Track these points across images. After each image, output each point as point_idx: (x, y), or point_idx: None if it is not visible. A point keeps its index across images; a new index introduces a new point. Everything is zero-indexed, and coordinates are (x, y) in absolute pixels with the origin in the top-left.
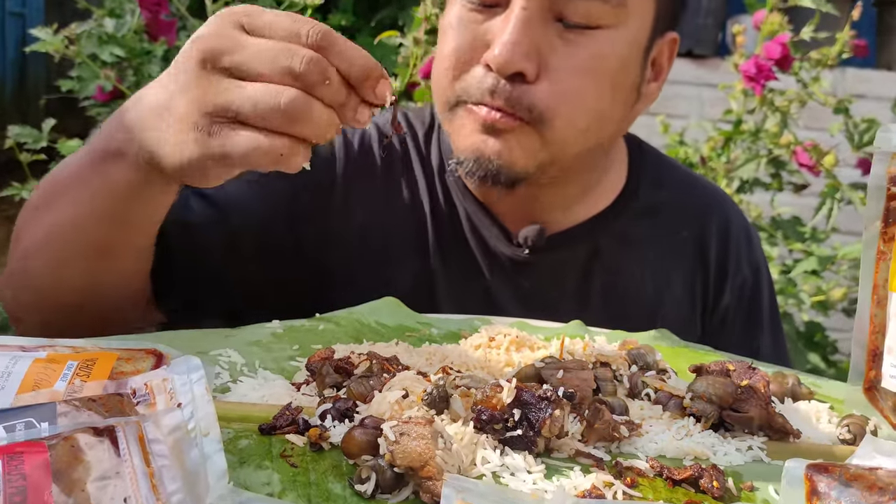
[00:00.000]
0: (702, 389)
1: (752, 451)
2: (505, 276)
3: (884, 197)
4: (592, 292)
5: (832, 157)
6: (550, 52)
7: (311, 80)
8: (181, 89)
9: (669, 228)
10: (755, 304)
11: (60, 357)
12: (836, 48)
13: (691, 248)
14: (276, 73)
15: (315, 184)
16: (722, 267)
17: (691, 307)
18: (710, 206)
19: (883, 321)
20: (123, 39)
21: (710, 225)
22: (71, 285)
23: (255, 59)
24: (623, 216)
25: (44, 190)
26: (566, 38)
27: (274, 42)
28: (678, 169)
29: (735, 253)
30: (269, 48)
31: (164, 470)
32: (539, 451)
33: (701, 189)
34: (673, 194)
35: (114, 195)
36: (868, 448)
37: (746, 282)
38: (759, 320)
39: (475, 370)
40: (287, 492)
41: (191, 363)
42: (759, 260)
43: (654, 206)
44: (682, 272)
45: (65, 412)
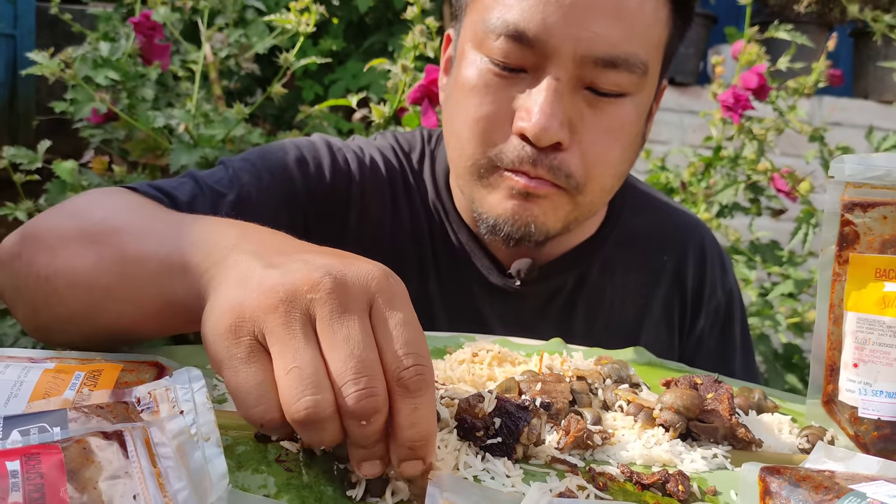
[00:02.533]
0: (670, 401)
1: (716, 459)
2: (495, 303)
3: (838, 223)
4: (576, 318)
5: (807, 183)
6: (579, 120)
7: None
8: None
9: (648, 254)
10: (728, 327)
11: (68, 368)
12: (812, 77)
13: (669, 273)
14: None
15: (334, 199)
16: (698, 291)
17: (669, 330)
18: (687, 233)
19: (839, 338)
20: (118, 63)
21: (688, 251)
22: (84, 333)
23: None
24: (606, 244)
25: (108, 228)
26: (594, 105)
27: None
28: (654, 196)
29: (710, 278)
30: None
31: (170, 470)
32: (518, 457)
33: (678, 216)
34: (651, 221)
35: (158, 296)
36: (820, 454)
37: (720, 305)
38: (731, 342)
39: (459, 383)
40: (282, 494)
41: (192, 374)
42: (732, 285)
43: (634, 234)
44: (661, 296)
45: (75, 418)
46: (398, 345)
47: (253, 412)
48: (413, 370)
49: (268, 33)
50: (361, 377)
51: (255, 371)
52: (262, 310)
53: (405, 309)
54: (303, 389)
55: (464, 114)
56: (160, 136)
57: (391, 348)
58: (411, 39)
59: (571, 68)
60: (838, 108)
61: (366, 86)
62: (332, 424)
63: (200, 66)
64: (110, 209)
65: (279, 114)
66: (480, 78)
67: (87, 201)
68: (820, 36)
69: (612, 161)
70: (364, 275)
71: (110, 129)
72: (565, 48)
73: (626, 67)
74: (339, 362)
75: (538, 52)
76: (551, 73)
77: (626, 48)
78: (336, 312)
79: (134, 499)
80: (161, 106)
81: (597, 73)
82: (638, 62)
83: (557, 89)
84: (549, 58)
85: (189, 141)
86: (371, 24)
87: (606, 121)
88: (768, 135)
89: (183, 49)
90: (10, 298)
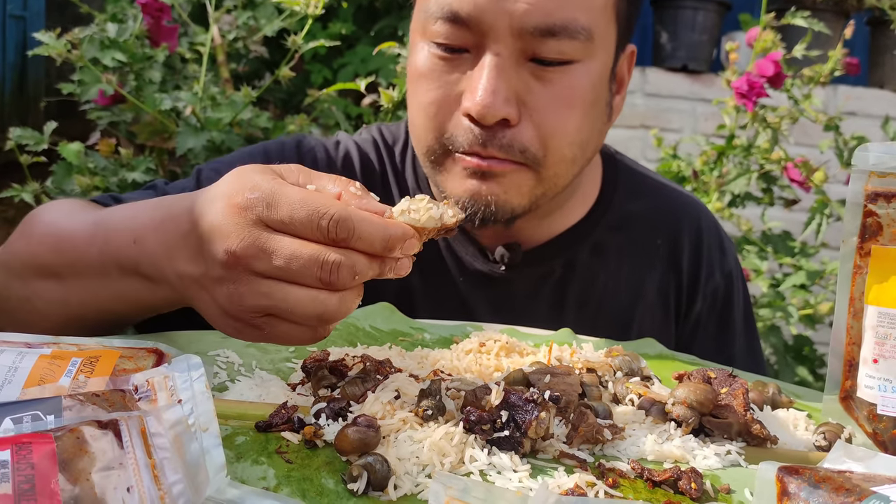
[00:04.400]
0: (683, 396)
1: (730, 456)
2: (481, 291)
3: (860, 213)
4: (567, 303)
5: (822, 173)
6: (528, 93)
7: (343, 284)
8: (215, 280)
9: (643, 237)
10: (727, 311)
11: (65, 354)
12: (828, 66)
13: (665, 256)
14: (311, 281)
15: None
16: (694, 274)
17: (665, 314)
18: (683, 214)
19: (859, 333)
20: (125, 44)
21: (683, 232)
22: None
23: (287, 267)
24: (597, 228)
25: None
26: (541, 77)
27: (300, 246)
28: (652, 179)
29: (707, 259)
30: (297, 256)
31: (166, 462)
32: (525, 451)
33: (674, 197)
34: (646, 204)
35: (129, 300)
36: (839, 453)
37: (719, 288)
38: (731, 326)
39: (465, 374)
40: (282, 486)
41: (191, 361)
42: (732, 267)
43: (628, 217)
44: (656, 280)
45: (70, 406)
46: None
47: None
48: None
49: (276, 16)
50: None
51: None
52: (227, 301)
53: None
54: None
55: (416, 101)
56: (167, 118)
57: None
58: None
59: (510, 42)
60: (854, 97)
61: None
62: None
63: (208, 48)
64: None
65: (287, 97)
66: (426, 63)
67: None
68: (836, 24)
69: (570, 130)
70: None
71: (117, 111)
72: (500, 23)
73: (566, 34)
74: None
75: (475, 31)
76: (491, 49)
77: (563, 15)
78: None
79: (128, 491)
80: (168, 88)
81: (537, 44)
82: (578, 27)
83: (498, 65)
84: (487, 35)
85: (196, 124)
86: (381, 8)
87: (556, 90)
88: (782, 123)
89: (191, 31)
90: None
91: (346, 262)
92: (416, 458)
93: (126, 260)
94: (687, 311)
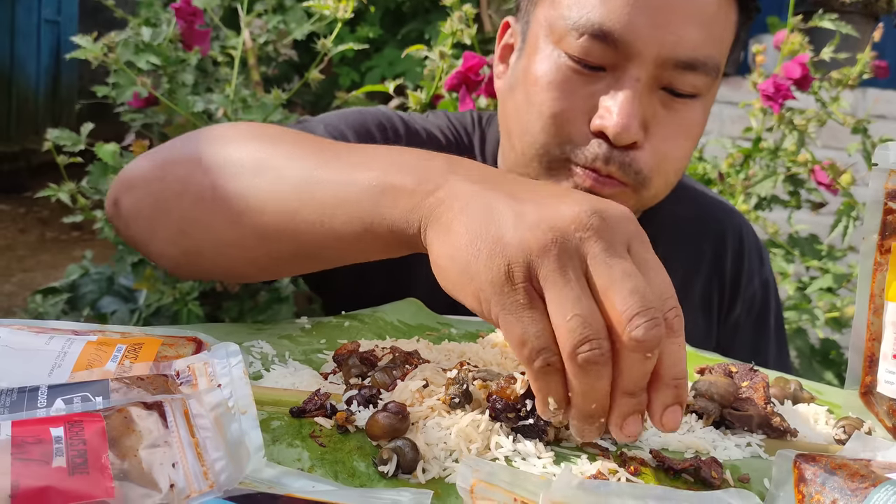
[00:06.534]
0: (704, 388)
1: (750, 448)
2: None
3: (880, 211)
4: None
5: (849, 175)
6: (653, 119)
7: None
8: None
9: (691, 241)
10: (763, 318)
11: (110, 341)
12: (856, 69)
13: (709, 260)
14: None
15: None
16: (735, 279)
17: (707, 317)
18: (726, 221)
19: (879, 329)
20: (159, 48)
21: (727, 239)
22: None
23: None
24: (650, 227)
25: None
26: (669, 106)
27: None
28: (692, 186)
29: (748, 266)
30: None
31: (208, 440)
32: (549, 439)
33: (716, 205)
34: (692, 209)
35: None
36: (856, 444)
37: (756, 295)
38: (766, 333)
39: (491, 366)
40: (316, 468)
41: (230, 349)
42: (769, 276)
43: (675, 220)
44: (701, 283)
45: (116, 388)
46: (662, 285)
47: (538, 357)
48: (675, 311)
49: (306, 19)
50: (649, 309)
51: (537, 317)
52: (533, 252)
53: (652, 251)
54: (586, 335)
55: (537, 107)
56: (199, 120)
57: (656, 288)
58: (449, 26)
59: (652, 69)
60: (883, 100)
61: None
62: (609, 370)
63: (239, 51)
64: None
65: (316, 100)
66: (558, 73)
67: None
68: (865, 26)
69: (679, 158)
70: (621, 215)
71: (151, 113)
72: (649, 50)
73: (703, 70)
74: (623, 296)
75: (621, 53)
76: (632, 73)
77: (705, 51)
78: (607, 252)
79: (173, 466)
80: (200, 91)
81: (675, 75)
82: (714, 64)
83: (637, 89)
84: (632, 59)
85: None
86: (408, 12)
87: (679, 121)
88: (809, 126)
89: (223, 35)
90: (147, 221)
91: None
92: (443, 444)
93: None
94: (727, 316)
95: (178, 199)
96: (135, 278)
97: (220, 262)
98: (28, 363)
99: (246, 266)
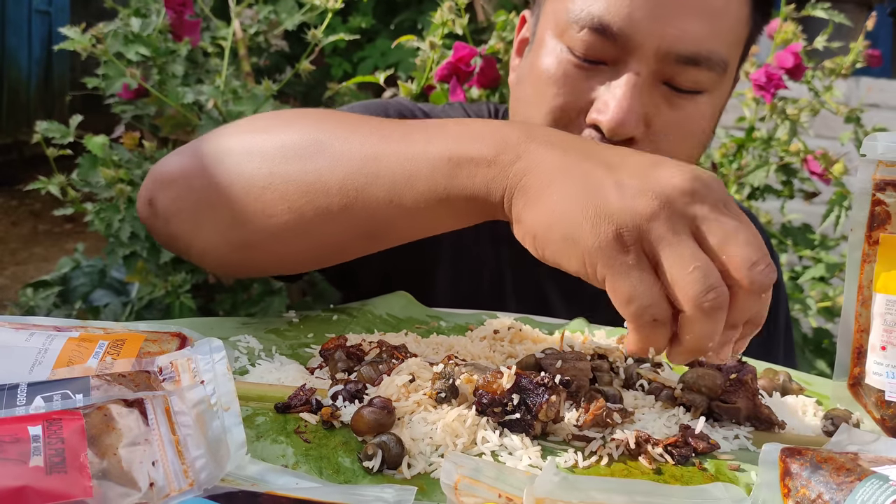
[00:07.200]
0: (692, 381)
1: (738, 440)
2: (554, 281)
3: (868, 202)
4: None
5: (841, 165)
6: (655, 114)
7: (756, 288)
8: (639, 192)
9: None
10: (773, 319)
11: (92, 337)
12: (849, 58)
13: None
14: (737, 263)
15: None
16: None
17: None
18: None
19: (867, 320)
20: (149, 39)
21: None
22: (316, 244)
23: (731, 235)
24: None
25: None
26: (671, 101)
27: (752, 235)
28: None
29: None
30: (747, 239)
31: (189, 438)
32: (536, 433)
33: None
34: None
35: (436, 195)
36: (843, 436)
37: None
38: (776, 335)
39: (479, 359)
40: (300, 464)
41: (213, 344)
42: (779, 278)
43: None
44: None
45: (97, 385)
46: (755, 238)
47: (646, 312)
48: (765, 273)
49: (297, 10)
50: (765, 255)
51: (645, 277)
52: (643, 217)
53: (740, 211)
54: (711, 284)
55: (539, 101)
56: (190, 112)
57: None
58: (440, 16)
59: (652, 63)
60: (876, 89)
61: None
62: (724, 314)
63: (230, 42)
64: (312, 118)
65: (307, 91)
66: (559, 67)
67: (275, 116)
68: (859, 15)
69: (681, 155)
70: (714, 179)
71: (141, 104)
72: (649, 44)
73: (706, 65)
74: (741, 246)
75: (621, 46)
76: (632, 67)
77: (709, 46)
78: (714, 211)
79: (153, 465)
80: (191, 82)
81: (677, 70)
82: (719, 60)
83: (637, 84)
84: (632, 52)
85: (218, 117)
86: (400, 2)
87: (681, 117)
88: (802, 115)
89: (213, 25)
90: (191, 216)
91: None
92: (429, 439)
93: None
94: None
95: (226, 190)
96: (127, 271)
97: (276, 251)
98: (8, 360)
99: (305, 252)
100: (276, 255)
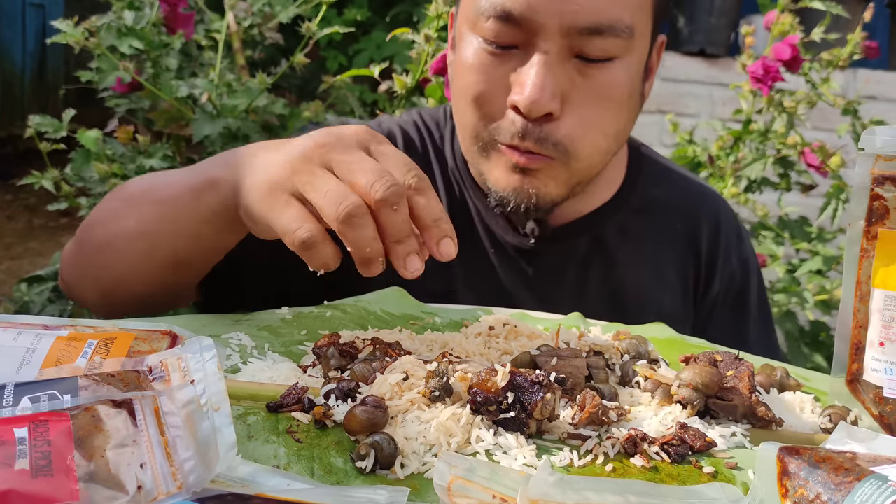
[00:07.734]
0: (689, 378)
1: (735, 438)
2: (512, 265)
3: (867, 197)
4: (591, 281)
5: (838, 157)
6: (571, 88)
7: (385, 203)
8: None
9: (664, 221)
10: (743, 295)
11: (81, 336)
12: (847, 49)
13: (684, 241)
14: (363, 186)
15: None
16: (712, 257)
17: (684, 296)
18: (702, 203)
19: (866, 316)
20: (142, 32)
21: (702, 219)
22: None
23: (356, 167)
24: (621, 210)
25: (140, 190)
26: (584, 73)
27: (376, 163)
28: (672, 169)
29: (724, 246)
30: (370, 167)
31: (178, 439)
32: (531, 432)
33: (694, 187)
34: (668, 191)
35: (199, 217)
36: (842, 434)
37: (735, 273)
38: (747, 312)
39: (474, 357)
40: (292, 465)
41: (203, 343)
42: (748, 254)
43: (651, 202)
44: (676, 263)
45: (86, 386)
46: (399, 164)
47: (297, 233)
48: (416, 173)
49: (291, 2)
50: (384, 177)
51: (296, 209)
52: (291, 173)
53: (391, 146)
54: (339, 199)
55: (465, 91)
56: (184, 105)
57: (394, 166)
58: (434, 9)
59: (559, 40)
60: (873, 80)
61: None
62: (369, 220)
63: (224, 35)
64: (139, 182)
65: (303, 84)
66: (476, 57)
67: (121, 186)
68: (856, 7)
69: (603, 123)
70: (355, 129)
71: (135, 98)
72: (551, 22)
73: (611, 33)
74: (364, 174)
75: (526, 30)
76: (540, 47)
77: (609, 15)
78: (345, 152)
79: (141, 467)
80: (185, 75)
81: (584, 42)
82: (623, 27)
83: (547, 62)
84: (537, 33)
85: (212, 111)
86: None
87: (597, 86)
88: (799, 108)
89: (207, 18)
90: (78, 286)
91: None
92: (423, 438)
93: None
94: (704, 294)
95: (90, 256)
96: None
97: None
98: None
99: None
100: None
